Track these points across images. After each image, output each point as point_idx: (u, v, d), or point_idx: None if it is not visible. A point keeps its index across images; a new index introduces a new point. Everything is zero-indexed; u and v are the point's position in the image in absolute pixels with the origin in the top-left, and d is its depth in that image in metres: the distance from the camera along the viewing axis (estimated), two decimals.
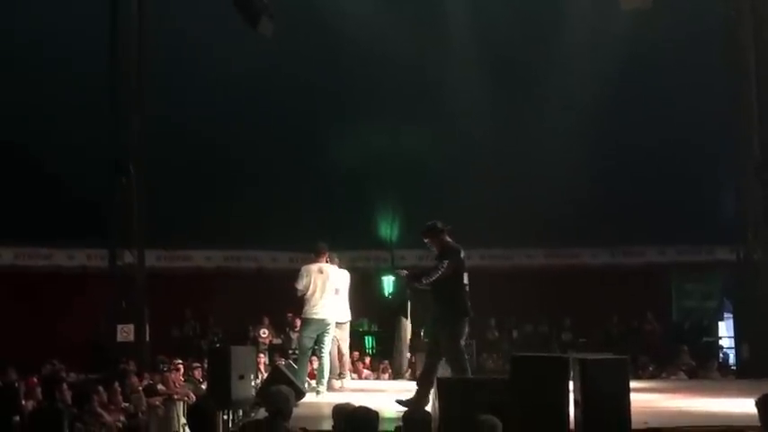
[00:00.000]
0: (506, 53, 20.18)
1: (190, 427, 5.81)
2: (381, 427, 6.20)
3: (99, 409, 11.86)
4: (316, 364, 11.88)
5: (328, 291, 11.33)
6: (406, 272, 10.32)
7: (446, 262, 9.30)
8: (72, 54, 18.54)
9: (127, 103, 16.81)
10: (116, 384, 13.01)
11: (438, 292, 9.45)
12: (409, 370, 14.54)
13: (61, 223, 19.25)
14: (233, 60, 19.05)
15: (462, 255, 9.48)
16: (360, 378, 15.06)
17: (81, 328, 18.02)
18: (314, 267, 11.39)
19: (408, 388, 12.28)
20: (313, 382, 11.83)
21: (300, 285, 11.28)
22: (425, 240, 9.66)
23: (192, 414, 5.80)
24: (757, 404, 6.44)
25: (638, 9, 17.27)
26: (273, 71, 19.67)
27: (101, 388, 12.45)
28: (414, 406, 8.75)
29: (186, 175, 19.88)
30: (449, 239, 9.55)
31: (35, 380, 12.48)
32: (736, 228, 17.64)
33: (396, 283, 19.11)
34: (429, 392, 9.13)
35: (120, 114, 16.78)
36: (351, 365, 14.00)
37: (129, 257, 16.79)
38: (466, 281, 9.60)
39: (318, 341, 11.36)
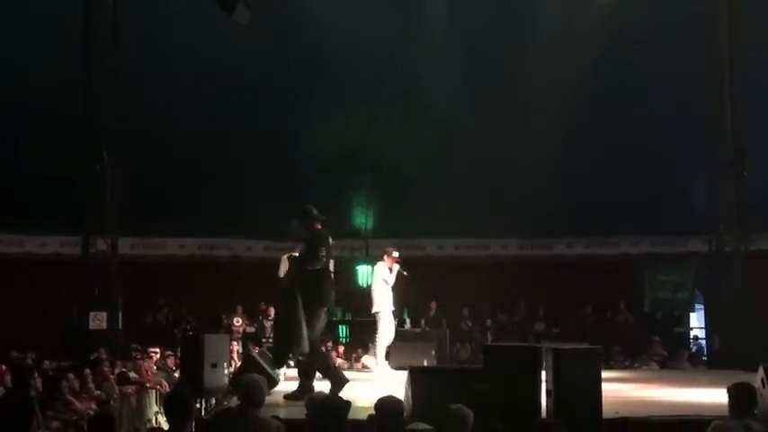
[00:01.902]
0: (482, 45, 20.12)
1: (168, 415, 5.75)
2: (354, 415, 6.20)
3: (70, 397, 11.81)
4: None
5: None
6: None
7: (324, 249, 9.42)
8: (45, 37, 18.32)
9: (101, 90, 16.69)
10: (87, 372, 12.94)
11: (305, 279, 9.52)
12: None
13: (33, 210, 19.06)
14: (209, 47, 18.90)
15: (330, 243, 9.60)
16: None
17: (54, 315, 17.87)
18: (286, 257, 11.76)
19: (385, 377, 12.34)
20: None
21: (280, 273, 11.70)
22: (302, 224, 9.77)
23: (171, 402, 5.75)
24: (729, 390, 6.53)
25: (613, 2, 17.35)
26: (249, 59, 19.54)
27: (71, 375, 12.38)
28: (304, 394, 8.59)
29: (160, 163, 19.71)
30: (319, 227, 9.67)
31: (3, 367, 12.37)
32: (708, 220, 17.78)
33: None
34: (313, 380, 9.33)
35: (94, 100, 16.66)
36: None
37: (102, 245, 16.72)
38: (332, 268, 9.72)
39: None
